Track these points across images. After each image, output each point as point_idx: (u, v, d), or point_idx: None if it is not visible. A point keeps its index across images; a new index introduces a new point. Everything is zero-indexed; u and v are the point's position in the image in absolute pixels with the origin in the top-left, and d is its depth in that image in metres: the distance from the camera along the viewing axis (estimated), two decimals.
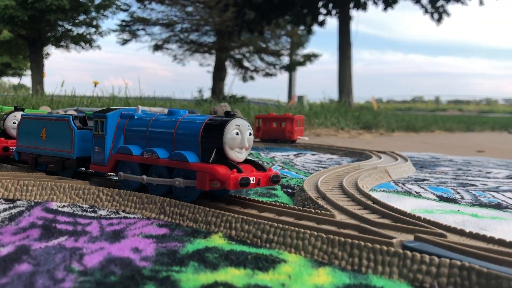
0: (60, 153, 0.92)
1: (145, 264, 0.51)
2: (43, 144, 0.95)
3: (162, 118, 0.80)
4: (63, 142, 0.91)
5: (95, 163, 0.85)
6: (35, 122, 0.97)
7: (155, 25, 7.85)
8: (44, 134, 0.95)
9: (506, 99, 16.89)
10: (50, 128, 0.94)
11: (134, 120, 0.83)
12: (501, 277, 0.43)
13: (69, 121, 0.90)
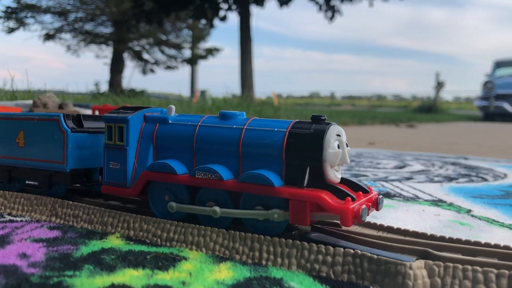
0: (46, 165, 0.70)
1: (34, 270, 0.47)
2: (20, 153, 0.73)
3: (213, 123, 0.61)
4: (51, 149, 0.69)
5: (112, 183, 0.64)
6: (7, 124, 0.75)
7: (46, 13, 7.34)
8: (21, 139, 0.73)
9: (395, 94, 18.24)
10: (31, 131, 0.72)
11: (169, 126, 0.62)
12: (389, 262, 0.45)
13: (59, 121, 0.68)
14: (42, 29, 7.65)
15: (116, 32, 7.74)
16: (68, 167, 0.68)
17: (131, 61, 8.65)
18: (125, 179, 0.63)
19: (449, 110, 9.43)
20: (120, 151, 0.62)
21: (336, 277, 0.47)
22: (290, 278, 0.47)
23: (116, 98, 3.43)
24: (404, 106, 11.24)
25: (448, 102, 13.27)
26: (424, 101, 9.69)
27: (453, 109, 10.40)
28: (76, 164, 0.68)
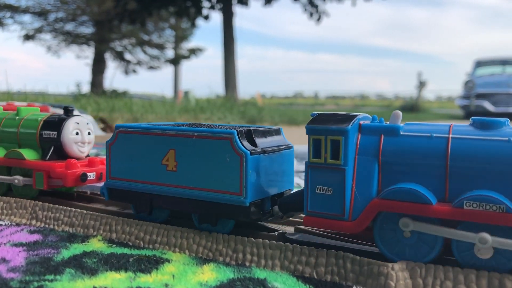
0: (212, 196, 0.55)
1: (13, 275, 0.46)
2: (169, 178, 0.58)
3: (472, 134, 0.46)
4: (219, 176, 0.54)
5: (320, 214, 0.49)
6: (151, 140, 0.59)
7: (25, 13, 7.23)
8: (171, 161, 0.57)
9: (378, 94, 18.41)
10: (186, 151, 0.56)
11: (401, 138, 0.48)
12: (372, 263, 0.46)
13: (233, 140, 0.53)
14: (22, 29, 7.54)
15: (97, 32, 7.66)
16: (247, 200, 0.53)
17: (113, 62, 8.57)
18: (342, 209, 0.48)
19: (431, 109, 9.54)
20: (334, 173, 0.48)
21: (319, 278, 0.47)
22: (273, 279, 0.47)
23: (98, 99, 3.40)
24: (387, 106, 11.34)
25: (430, 101, 13.44)
26: (407, 100, 9.80)
27: (435, 108, 10.53)
28: (256, 195, 0.54)
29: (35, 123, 0.74)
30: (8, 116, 0.78)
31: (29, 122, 0.75)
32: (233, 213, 0.54)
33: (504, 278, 0.42)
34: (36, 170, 0.70)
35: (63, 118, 0.73)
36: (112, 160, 0.62)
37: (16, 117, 0.77)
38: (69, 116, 0.74)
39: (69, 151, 0.73)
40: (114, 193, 0.63)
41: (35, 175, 0.70)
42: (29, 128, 0.75)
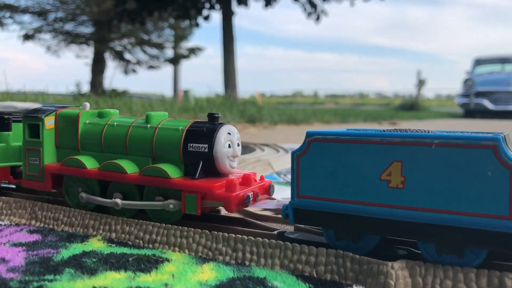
0: (463, 219, 0.44)
1: (13, 275, 0.46)
2: (392, 198, 0.47)
3: None
4: (477, 194, 0.43)
5: None
6: (363, 150, 0.48)
7: (24, 13, 7.23)
8: (396, 176, 0.47)
9: (377, 92, 18.40)
10: (422, 163, 0.46)
11: None
12: (371, 262, 0.46)
13: (498, 149, 0.42)
14: (21, 29, 7.54)
15: (97, 32, 7.65)
16: None
17: (113, 61, 8.57)
18: None
19: (430, 107, 9.54)
20: None
21: (319, 277, 0.47)
22: (273, 278, 0.47)
23: (98, 98, 3.40)
24: (386, 104, 11.34)
25: (430, 100, 13.43)
26: (406, 99, 9.79)
27: (434, 107, 10.53)
28: None
29: (175, 134, 0.61)
30: (137, 123, 0.65)
31: (166, 131, 0.62)
32: (495, 242, 0.43)
33: (504, 277, 0.42)
34: (187, 192, 0.57)
35: (213, 127, 0.61)
36: (302, 174, 0.51)
37: (147, 125, 0.64)
38: (217, 125, 0.61)
39: (221, 167, 0.60)
40: (304, 214, 0.51)
41: (184, 197, 0.58)
42: (168, 140, 0.61)
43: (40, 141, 0.68)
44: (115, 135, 0.65)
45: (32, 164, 0.69)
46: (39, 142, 0.68)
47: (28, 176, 0.69)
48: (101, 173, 0.63)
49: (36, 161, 0.68)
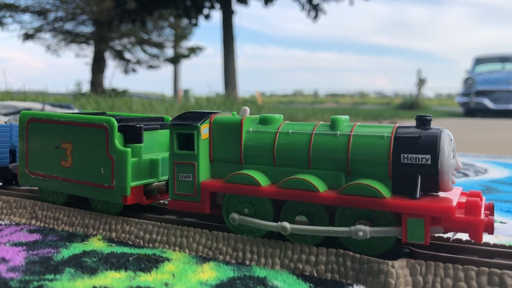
0: None
1: (13, 275, 0.46)
2: None
3: None
4: None
5: None
6: None
7: (24, 12, 7.23)
8: None
9: (377, 92, 18.40)
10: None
11: None
12: (372, 261, 0.46)
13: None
14: (21, 28, 7.54)
15: (97, 31, 7.65)
16: None
17: (113, 61, 8.57)
18: None
19: (430, 106, 9.54)
20: None
21: (319, 276, 0.47)
22: (273, 277, 0.47)
23: (98, 98, 3.39)
24: (386, 103, 11.34)
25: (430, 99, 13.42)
26: (406, 98, 9.78)
27: (434, 106, 10.53)
28: None
29: (380, 142, 0.50)
30: (320, 130, 0.54)
31: (366, 139, 0.51)
32: None
33: (504, 275, 0.42)
34: (410, 215, 0.46)
35: (432, 133, 0.49)
36: None
37: (336, 132, 0.52)
38: (436, 130, 0.50)
39: (444, 183, 0.49)
40: None
41: (407, 222, 0.46)
42: (370, 150, 0.50)
43: (194, 153, 0.56)
44: (292, 146, 0.53)
45: (183, 181, 0.57)
46: (193, 155, 0.56)
47: (178, 195, 0.57)
48: (282, 192, 0.52)
49: (188, 178, 0.57)
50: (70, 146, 0.65)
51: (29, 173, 0.70)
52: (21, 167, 0.71)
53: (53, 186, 0.67)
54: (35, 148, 0.69)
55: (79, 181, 0.65)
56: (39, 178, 0.68)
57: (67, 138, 0.66)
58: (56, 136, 0.67)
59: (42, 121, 0.68)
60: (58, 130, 0.67)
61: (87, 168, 0.64)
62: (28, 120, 0.70)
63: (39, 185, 0.69)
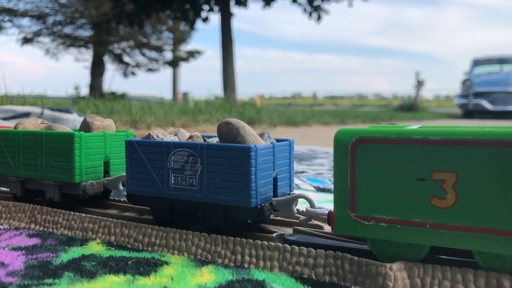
0: None
1: (12, 279, 0.46)
2: None
3: None
4: None
5: None
6: None
7: (23, 16, 7.24)
8: None
9: (376, 93, 18.42)
10: None
11: None
12: (370, 264, 0.46)
13: None
14: (20, 32, 7.55)
15: (96, 35, 7.67)
16: None
17: (112, 64, 8.57)
18: None
19: (429, 108, 9.55)
20: None
21: (318, 279, 0.47)
22: (272, 280, 0.47)
23: (97, 101, 3.40)
24: (385, 105, 11.35)
25: (428, 101, 13.44)
26: (405, 99, 9.80)
27: (433, 107, 10.54)
28: None
29: None
30: None
31: None
32: None
33: (502, 277, 0.42)
34: None
35: None
36: None
37: None
38: None
39: None
40: None
41: None
42: None
43: None
44: None
45: None
46: None
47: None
48: None
49: None
50: (451, 177, 0.44)
51: (359, 218, 0.47)
52: (340, 210, 0.48)
53: (412, 236, 0.45)
54: (371, 182, 0.47)
55: (471, 228, 0.43)
56: (381, 224, 0.46)
57: (444, 165, 0.44)
58: (420, 162, 0.45)
59: (386, 141, 0.46)
60: (422, 153, 0.45)
61: (477, 208, 0.43)
62: (355, 141, 0.47)
63: (379, 234, 0.47)
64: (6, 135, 0.72)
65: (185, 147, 0.56)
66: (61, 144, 0.67)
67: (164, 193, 0.58)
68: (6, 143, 0.72)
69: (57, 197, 0.68)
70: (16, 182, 0.71)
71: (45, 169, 0.69)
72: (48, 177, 0.68)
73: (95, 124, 0.70)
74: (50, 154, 0.68)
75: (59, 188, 0.68)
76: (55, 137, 0.68)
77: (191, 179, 0.56)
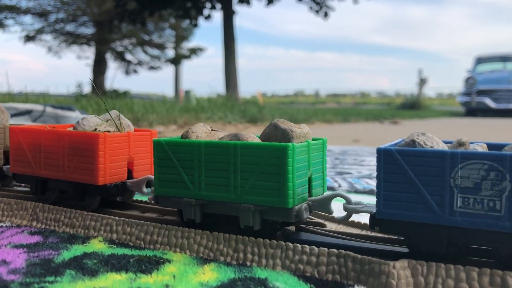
0: None
1: (14, 277, 0.46)
2: None
3: None
4: None
5: None
6: None
7: (26, 14, 7.25)
8: None
9: (378, 92, 18.40)
10: None
11: None
12: (373, 262, 0.46)
13: None
14: (22, 30, 7.56)
15: (98, 33, 7.67)
16: None
17: (114, 62, 8.58)
18: None
19: (432, 106, 9.54)
20: None
21: (320, 277, 0.47)
22: (274, 278, 0.47)
23: (99, 99, 3.40)
24: (387, 103, 11.33)
25: (431, 99, 13.42)
26: (407, 97, 9.79)
27: (436, 105, 10.52)
28: None
29: None
30: None
31: None
32: None
33: (506, 276, 0.42)
34: None
35: None
36: None
37: None
38: None
39: None
40: None
41: None
42: None
43: None
44: None
45: None
46: None
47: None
48: None
49: None
50: None
51: None
52: None
53: None
54: None
55: None
56: None
57: None
58: None
59: None
60: None
61: None
62: None
63: None
64: (178, 146, 0.57)
65: (484, 158, 0.43)
66: (266, 159, 0.52)
67: (444, 219, 0.45)
68: (179, 156, 0.57)
69: (257, 225, 0.53)
70: (195, 205, 0.56)
71: (241, 190, 0.53)
72: (246, 200, 0.53)
73: (294, 131, 0.54)
74: (248, 171, 0.53)
75: (261, 214, 0.53)
76: (257, 150, 0.53)
77: (491, 201, 0.43)
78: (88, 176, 0.64)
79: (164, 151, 0.57)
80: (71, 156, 0.66)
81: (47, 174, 0.69)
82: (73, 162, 0.66)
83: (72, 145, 0.66)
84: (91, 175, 0.64)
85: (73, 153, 0.65)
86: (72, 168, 0.66)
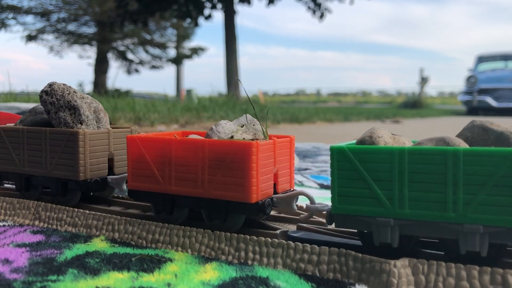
0: None
1: (17, 276, 0.47)
2: None
3: None
4: None
5: None
6: None
7: (27, 13, 7.26)
8: None
9: (380, 90, 18.39)
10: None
11: None
12: (374, 261, 0.46)
13: None
14: (24, 30, 7.57)
15: (99, 32, 7.68)
16: None
17: (116, 61, 8.59)
18: None
19: (433, 105, 9.53)
20: None
21: (321, 276, 0.47)
22: (276, 277, 0.47)
23: (101, 98, 3.40)
24: (389, 102, 11.32)
25: (433, 97, 13.40)
26: (409, 96, 9.77)
27: (437, 104, 10.51)
28: None
29: None
30: None
31: None
32: None
33: (507, 274, 0.42)
34: None
35: None
36: None
37: None
38: None
39: None
40: None
41: None
42: None
43: None
44: None
45: None
46: None
47: None
48: None
49: None
50: None
51: None
52: None
53: None
54: None
55: None
56: None
57: None
58: None
59: None
60: None
61: None
62: None
63: None
64: (369, 154, 0.48)
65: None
66: (502, 169, 0.43)
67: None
68: (369, 167, 0.48)
69: (485, 250, 0.44)
70: (393, 226, 0.47)
71: (464, 207, 0.44)
72: (472, 219, 0.44)
73: None
74: (474, 184, 0.44)
75: (490, 237, 0.45)
76: (487, 158, 0.43)
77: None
78: (235, 192, 0.54)
79: (349, 161, 0.48)
80: (212, 170, 0.56)
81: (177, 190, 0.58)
82: (217, 177, 0.56)
83: (215, 157, 0.55)
84: (241, 191, 0.54)
85: (217, 166, 0.55)
86: (215, 183, 0.56)
